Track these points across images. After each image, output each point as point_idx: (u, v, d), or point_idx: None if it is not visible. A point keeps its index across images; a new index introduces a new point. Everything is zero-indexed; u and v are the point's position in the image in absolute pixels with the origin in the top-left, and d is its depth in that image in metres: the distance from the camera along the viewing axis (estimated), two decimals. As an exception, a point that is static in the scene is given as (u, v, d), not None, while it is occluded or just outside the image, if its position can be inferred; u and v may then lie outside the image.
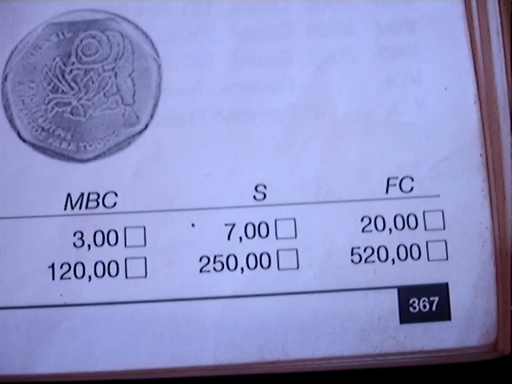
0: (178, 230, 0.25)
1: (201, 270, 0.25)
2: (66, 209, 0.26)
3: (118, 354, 0.25)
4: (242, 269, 0.25)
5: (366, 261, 0.25)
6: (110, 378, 0.25)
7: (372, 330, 0.25)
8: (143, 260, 0.25)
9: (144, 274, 0.25)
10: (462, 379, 0.26)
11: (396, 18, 0.27)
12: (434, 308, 0.25)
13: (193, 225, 0.26)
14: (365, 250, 0.25)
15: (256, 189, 0.26)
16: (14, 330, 0.25)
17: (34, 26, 0.27)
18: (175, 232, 0.25)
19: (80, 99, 0.26)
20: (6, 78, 0.26)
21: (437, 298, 0.25)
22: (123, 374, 0.25)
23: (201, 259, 0.25)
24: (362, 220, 0.26)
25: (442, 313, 0.25)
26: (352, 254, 0.25)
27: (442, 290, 0.25)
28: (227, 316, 0.25)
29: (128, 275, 0.25)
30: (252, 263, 0.25)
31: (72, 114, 0.26)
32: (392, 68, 0.26)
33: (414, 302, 0.25)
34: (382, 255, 0.25)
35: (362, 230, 0.25)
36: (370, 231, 0.25)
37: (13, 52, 0.27)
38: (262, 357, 0.25)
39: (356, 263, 0.25)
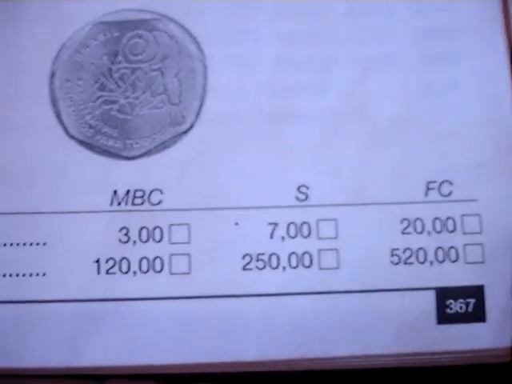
0: (222, 229, 0.26)
1: (243, 268, 0.26)
2: (112, 205, 0.26)
3: (161, 349, 0.25)
4: (284, 267, 0.26)
5: (405, 262, 0.26)
6: (152, 372, 0.26)
7: (409, 330, 0.26)
8: (187, 257, 0.26)
9: (188, 271, 0.26)
10: (494, 380, 0.27)
11: (436, 25, 0.27)
12: (470, 309, 0.26)
13: (236, 223, 0.26)
14: (404, 252, 0.26)
15: (298, 189, 0.26)
16: (59, 323, 0.26)
17: (82, 24, 0.27)
18: (219, 230, 0.26)
19: (127, 97, 0.27)
20: (53, 75, 0.27)
21: (473, 300, 0.26)
22: (166, 368, 0.25)
23: (244, 257, 0.26)
24: (402, 222, 0.26)
25: (478, 314, 0.26)
26: (391, 256, 0.26)
27: (478, 292, 0.26)
28: (269, 313, 0.26)
29: (172, 271, 0.26)
30: (294, 262, 0.26)
31: (119, 112, 0.27)
32: (432, 74, 0.27)
33: (450, 303, 0.26)
34: (421, 257, 0.26)
35: (402, 232, 0.26)
36: (409, 233, 0.26)
37: (60, 50, 0.27)
38: (301, 354, 0.26)
39: (395, 264, 0.26)
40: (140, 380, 0.26)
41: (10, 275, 0.26)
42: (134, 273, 0.26)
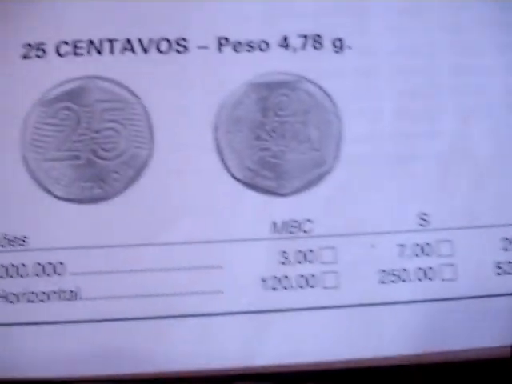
0: (362, 250, 0.32)
1: (380, 282, 0.32)
2: (272, 233, 0.32)
3: (319, 349, 0.32)
4: (412, 280, 0.32)
5: (507, 273, 0.33)
6: (313, 369, 0.32)
7: (513, 327, 0.32)
8: (335, 274, 0.32)
9: (336, 285, 0.32)
10: None
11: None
12: (560, 309, 0.33)
13: (372, 246, 0.32)
14: (507, 264, 0.33)
15: (420, 217, 0.33)
16: (234, 330, 0.31)
17: (237, 85, 0.33)
18: (359, 251, 0.32)
19: (278, 145, 0.33)
20: (217, 128, 0.33)
21: None
22: (326, 365, 0.32)
23: (380, 273, 0.32)
24: (504, 241, 0.33)
25: None
26: (496, 268, 0.33)
27: None
28: (402, 317, 0.32)
29: (324, 286, 0.32)
30: (420, 275, 0.32)
31: (273, 158, 0.33)
32: (520, 120, 0.34)
33: (545, 304, 0.33)
34: (520, 268, 0.33)
35: (504, 249, 0.33)
36: (510, 250, 0.33)
37: (221, 106, 0.33)
38: (428, 348, 0.32)
39: (499, 275, 0.33)
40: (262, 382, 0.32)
41: (192, 293, 0.32)
42: (293, 288, 0.32)
